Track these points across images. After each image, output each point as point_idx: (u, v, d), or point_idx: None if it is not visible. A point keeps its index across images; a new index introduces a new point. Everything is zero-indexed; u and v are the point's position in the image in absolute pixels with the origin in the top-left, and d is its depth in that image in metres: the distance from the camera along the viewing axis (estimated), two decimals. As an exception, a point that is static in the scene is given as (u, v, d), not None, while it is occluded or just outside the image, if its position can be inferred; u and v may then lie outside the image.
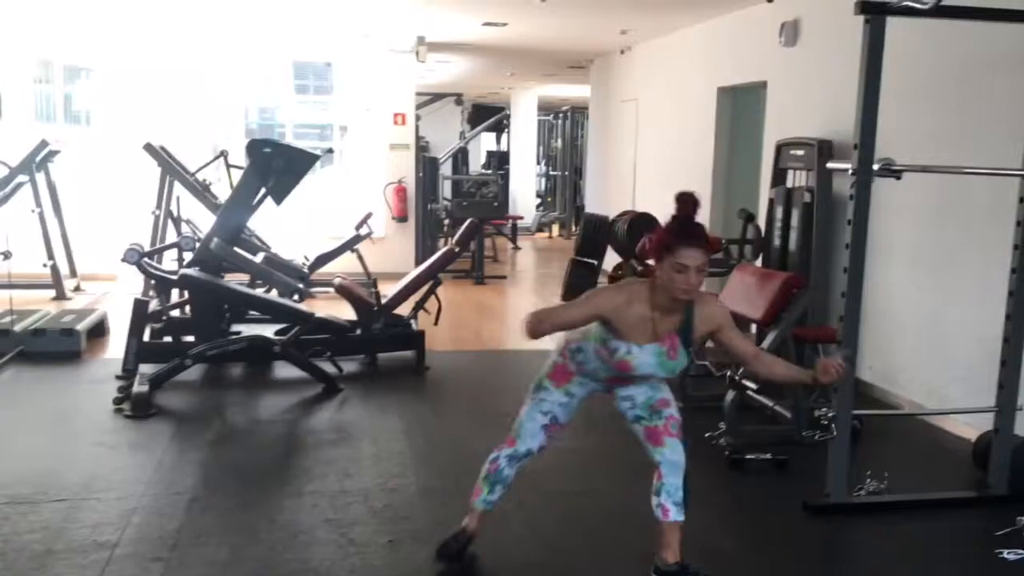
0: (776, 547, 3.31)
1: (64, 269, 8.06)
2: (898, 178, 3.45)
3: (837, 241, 5.38)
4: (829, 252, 5.54)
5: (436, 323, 6.22)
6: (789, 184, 5.89)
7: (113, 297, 7.77)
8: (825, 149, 5.41)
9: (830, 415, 3.47)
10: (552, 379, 2.94)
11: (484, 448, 4.27)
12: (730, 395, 4.27)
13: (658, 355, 2.68)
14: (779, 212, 5.86)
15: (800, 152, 5.68)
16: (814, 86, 5.97)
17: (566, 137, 15.89)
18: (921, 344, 4.95)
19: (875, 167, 3.36)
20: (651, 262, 2.69)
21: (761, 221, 6.16)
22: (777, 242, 5.88)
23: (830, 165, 4.41)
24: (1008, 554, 3.18)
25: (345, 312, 6.08)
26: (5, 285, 6.54)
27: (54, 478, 3.69)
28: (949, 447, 4.46)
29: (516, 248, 13.43)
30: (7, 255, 6.64)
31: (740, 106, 7.40)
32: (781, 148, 5.93)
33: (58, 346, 5.73)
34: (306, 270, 6.73)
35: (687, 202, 2.64)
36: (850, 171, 3.35)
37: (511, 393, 5.54)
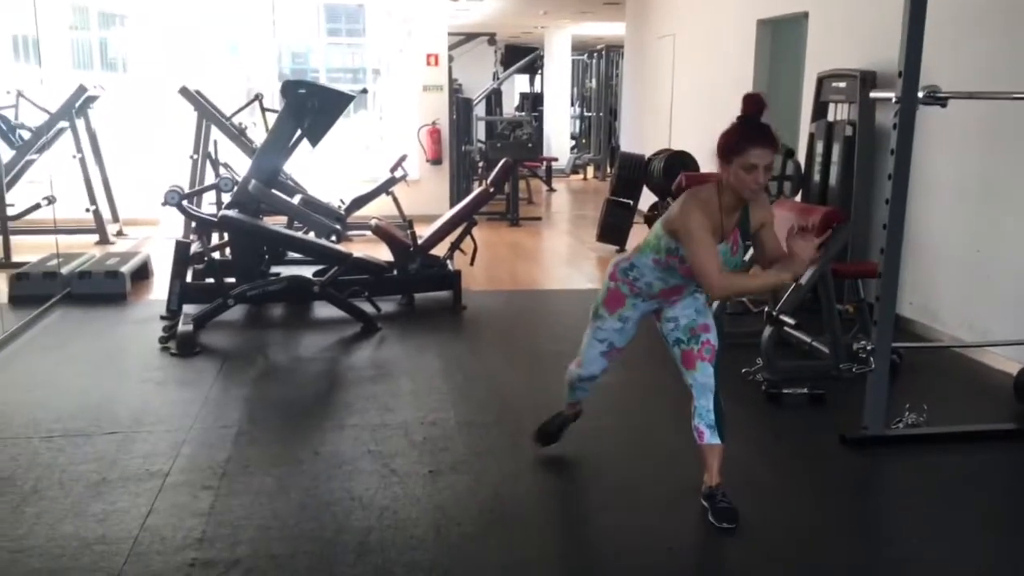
0: (812, 479, 3.33)
1: (106, 214, 8.19)
2: (943, 106, 3.36)
3: (879, 175, 5.29)
4: (870, 186, 5.45)
5: (472, 263, 6.26)
6: (830, 118, 5.77)
7: (155, 241, 7.89)
8: (868, 80, 5.28)
9: (869, 348, 3.45)
10: (606, 305, 3.03)
11: (520, 384, 4.35)
12: (767, 331, 4.26)
13: (725, 253, 2.74)
14: (819, 147, 5.76)
15: (842, 84, 5.55)
16: (858, 15, 5.79)
17: (601, 77, 15.65)
18: (963, 278, 4.88)
19: (920, 95, 3.27)
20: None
21: (801, 157, 6.06)
22: (817, 178, 5.80)
23: (874, 94, 4.31)
24: (1048, 485, 3.17)
25: (382, 254, 6.13)
26: (50, 230, 6.68)
27: (105, 412, 3.82)
28: (990, 380, 4.42)
29: (551, 190, 13.36)
30: (51, 200, 6.79)
31: (780, 39, 7.22)
32: (822, 81, 5.80)
33: (104, 288, 5.86)
34: (342, 212, 6.77)
35: (755, 102, 2.68)
36: (894, 99, 3.28)
37: (546, 331, 5.62)
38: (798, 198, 5.93)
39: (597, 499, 3.11)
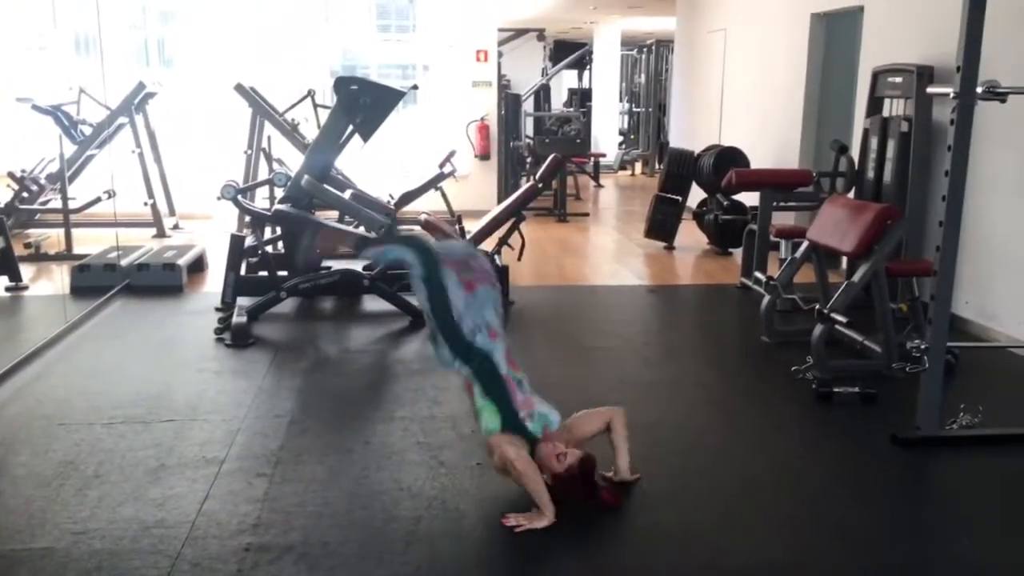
0: (863, 479, 3.29)
1: (163, 208, 8.39)
2: (1003, 101, 3.28)
3: (935, 172, 5.19)
4: (926, 183, 5.35)
5: (520, 259, 6.29)
6: (885, 113, 5.68)
7: (209, 234, 8.06)
8: (925, 75, 5.18)
9: (923, 347, 3.39)
10: None
11: (567, 379, 4.36)
12: (818, 329, 4.21)
13: None
14: (874, 143, 5.67)
15: (898, 79, 5.45)
16: (914, 9, 5.69)
17: (650, 72, 15.55)
18: (1021, 278, 4.76)
19: (978, 90, 3.21)
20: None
21: (854, 153, 5.98)
22: (871, 174, 5.71)
23: (931, 89, 4.23)
24: (1109, 490, 3.09)
25: (431, 248, 6.18)
26: (110, 223, 6.87)
27: (163, 401, 3.93)
28: (1050, 384, 4.32)
29: (598, 186, 13.33)
30: (111, 194, 6.98)
31: (834, 33, 7.12)
32: (878, 76, 5.70)
33: (161, 280, 6.02)
34: (391, 207, 6.84)
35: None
36: (952, 94, 3.22)
37: (593, 326, 5.63)
38: (851, 195, 5.85)
39: (642, 497, 3.11)
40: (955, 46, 3.21)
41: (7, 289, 5.97)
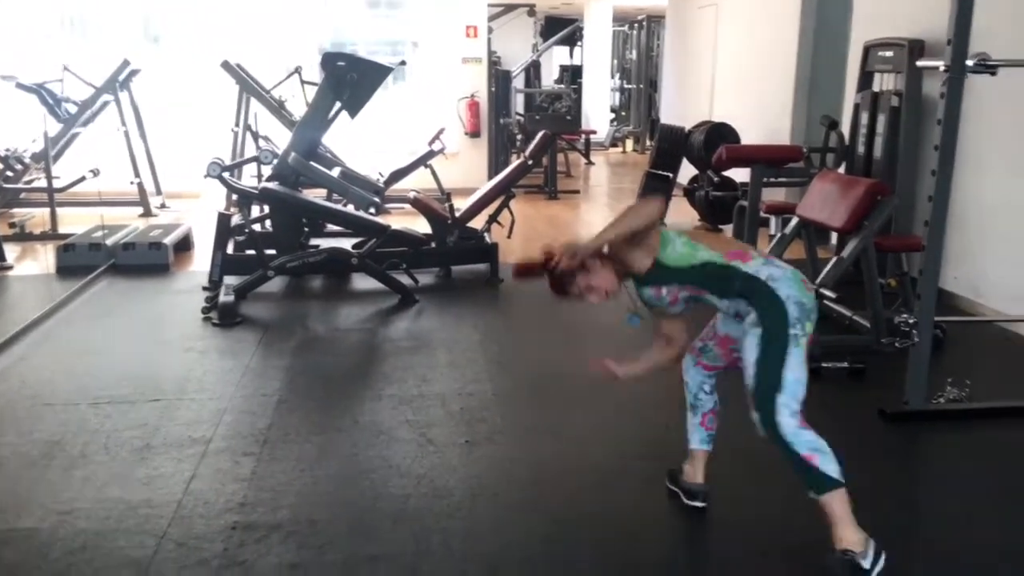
0: (851, 453, 3.27)
1: (149, 187, 8.31)
2: (993, 74, 3.26)
3: (925, 147, 5.17)
4: (916, 158, 5.33)
5: (509, 236, 6.26)
6: (876, 88, 5.65)
7: (196, 213, 8.00)
8: (916, 49, 5.15)
9: (911, 321, 3.39)
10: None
11: (555, 356, 4.36)
12: (807, 304, 4.20)
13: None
14: (864, 118, 5.64)
15: (889, 53, 5.42)
16: (906, -18, 5.64)
17: (641, 48, 15.44)
18: (1009, 252, 4.77)
19: (969, 63, 3.18)
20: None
21: (845, 128, 5.95)
22: (861, 149, 5.69)
23: (921, 63, 4.20)
24: (1095, 463, 3.11)
25: (420, 226, 6.15)
26: (96, 202, 6.82)
27: (150, 380, 3.90)
28: (1037, 358, 4.33)
29: (589, 163, 13.27)
30: (96, 172, 6.92)
31: (825, 7, 7.07)
32: (869, 50, 5.67)
33: (147, 259, 5.97)
34: (381, 185, 6.80)
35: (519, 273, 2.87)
36: (942, 67, 3.19)
37: (581, 305, 5.59)
38: (841, 170, 5.83)
39: (633, 473, 3.11)
40: (946, 19, 3.18)
41: (-8, 269, 5.93)
